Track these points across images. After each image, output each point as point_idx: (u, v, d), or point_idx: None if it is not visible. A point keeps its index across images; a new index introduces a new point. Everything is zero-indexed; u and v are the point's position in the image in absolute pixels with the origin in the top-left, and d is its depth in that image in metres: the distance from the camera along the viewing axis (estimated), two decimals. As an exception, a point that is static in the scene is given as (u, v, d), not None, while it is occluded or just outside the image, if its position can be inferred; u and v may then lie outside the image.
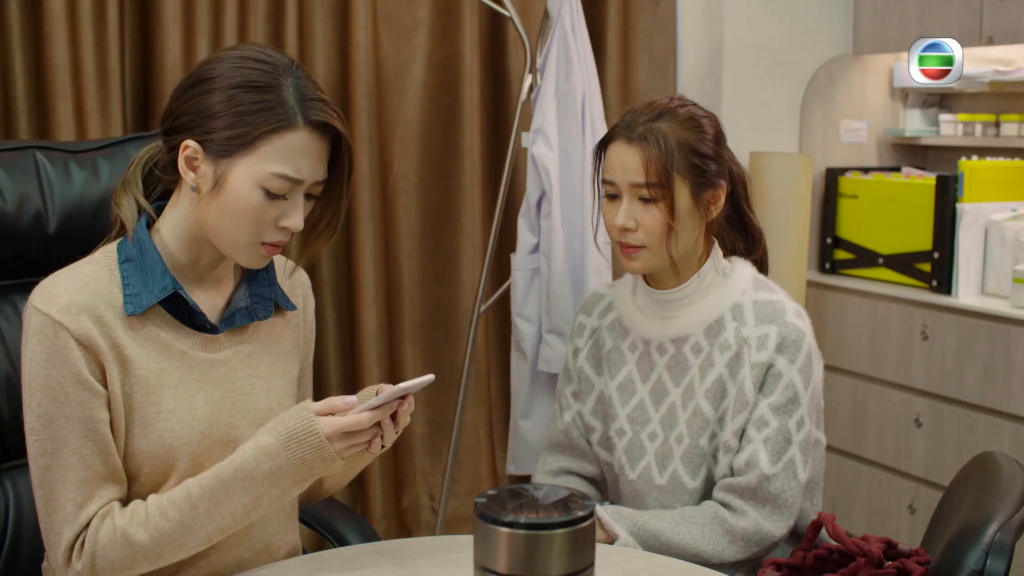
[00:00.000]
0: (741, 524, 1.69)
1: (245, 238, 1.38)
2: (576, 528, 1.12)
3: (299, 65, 1.40)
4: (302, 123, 1.35)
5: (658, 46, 3.26)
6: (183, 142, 1.37)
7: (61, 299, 1.34)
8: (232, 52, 1.39)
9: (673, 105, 1.73)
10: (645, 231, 1.70)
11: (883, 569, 1.49)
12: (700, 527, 1.69)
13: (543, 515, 1.12)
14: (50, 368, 1.33)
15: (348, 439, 1.35)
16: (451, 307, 3.11)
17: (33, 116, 2.54)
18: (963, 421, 2.87)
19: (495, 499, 1.16)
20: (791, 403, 1.70)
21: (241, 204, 1.35)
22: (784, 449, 1.70)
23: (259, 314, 1.50)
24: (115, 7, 2.56)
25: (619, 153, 1.71)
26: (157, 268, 1.39)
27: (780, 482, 1.69)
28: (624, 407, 1.83)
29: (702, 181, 1.71)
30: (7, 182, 1.66)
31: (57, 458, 1.34)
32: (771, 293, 1.77)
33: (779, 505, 1.69)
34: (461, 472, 3.15)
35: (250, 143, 1.34)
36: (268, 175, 1.34)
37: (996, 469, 1.58)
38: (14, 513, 1.64)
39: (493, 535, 1.12)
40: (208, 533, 1.37)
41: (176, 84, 1.42)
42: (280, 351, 1.54)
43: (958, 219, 2.92)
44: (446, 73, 3.03)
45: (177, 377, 1.41)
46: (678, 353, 1.78)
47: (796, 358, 1.71)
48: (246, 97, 1.34)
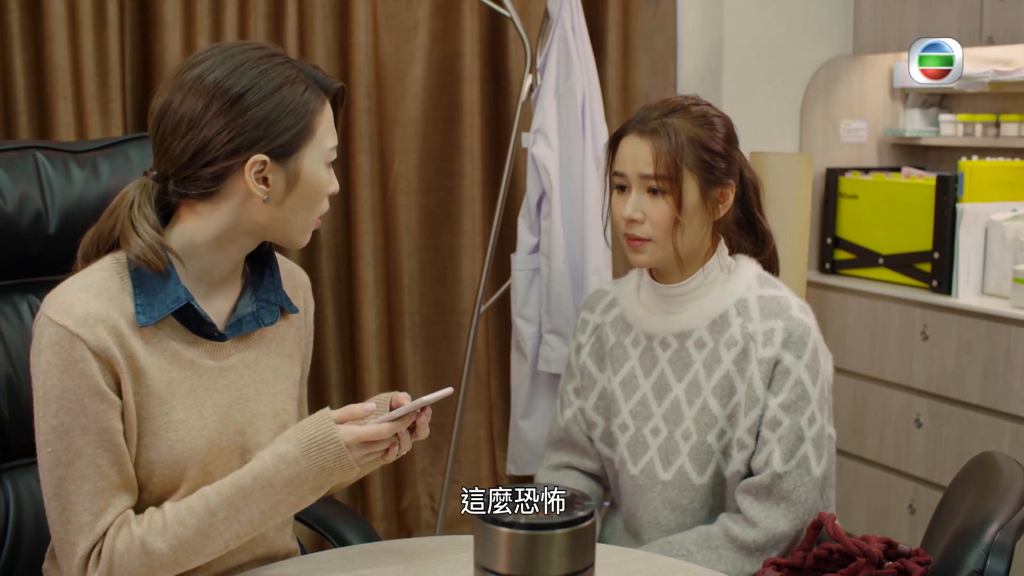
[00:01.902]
0: (751, 536, 1.70)
1: (312, 218, 1.44)
2: (576, 528, 1.12)
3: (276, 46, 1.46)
4: (324, 95, 1.42)
5: (658, 46, 3.26)
6: (248, 161, 1.35)
7: (77, 310, 1.32)
8: (232, 63, 1.36)
9: (687, 103, 1.76)
10: (652, 223, 1.72)
11: (883, 569, 1.49)
12: (710, 551, 1.72)
13: (543, 515, 1.12)
14: (66, 379, 1.32)
15: (366, 447, 1.37)
16: (451, 307, 3.11)
17: (33, 116, 2.54)
18: (963, 421, 2.87)
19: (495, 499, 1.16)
20: (801, 400, 1.71)
21: (317, 188, 1.42)
22: (796, 447, 1.71)
23: (265, 319, 1.49)
24: (115, 7, 2.56)
25: (631, 145, 1.74)
26: (170, 279, 1.37)
27: (792, 480, 1.70)
28: (627, 402, 1.83)
29: (711, 178, 1.73)
30: (7, 182, 1.66)
31: (72, 469, 1.33)
32: (776, 289, 1.77)
33: (792, 503, 1.70)
34: (461, 472, 3.15)
35: (311, 131, 1.39)
36: (328, 151, 1.42)
37: (996, 469, 1.58)
38: (14, 513, 1.64)
39: (493, 535, 1.12)
40: (226, 540, 1.37)
41: (175, 119, 1.35)
42: (284, 354, 1.54)
43: (958, 219, 2.92)
44: (446, 73, 3.03)
45: (188, 387, 1.41)
46: (681, 348, 1.78)
47: (803, 354, 1.72)
48: (292, 92, 1.37)
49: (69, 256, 1.44)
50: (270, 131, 1.35)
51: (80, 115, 2.54)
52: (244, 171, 1.35)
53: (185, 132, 1.34)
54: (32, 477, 1.68)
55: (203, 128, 1.34)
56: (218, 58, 1.37)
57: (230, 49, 1.39)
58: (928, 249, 3.02)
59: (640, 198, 1.72)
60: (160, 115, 1.37)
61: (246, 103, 1.34)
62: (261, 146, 1.35)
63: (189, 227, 1.39)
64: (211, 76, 1.35)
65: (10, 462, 1.67)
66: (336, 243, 2.96)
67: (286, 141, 1.36)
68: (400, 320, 3.05)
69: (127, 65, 2.65)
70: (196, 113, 1.34)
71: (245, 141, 1.34)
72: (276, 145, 1.36)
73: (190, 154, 1.35)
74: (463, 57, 3.00)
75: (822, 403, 1.75)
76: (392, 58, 2.97)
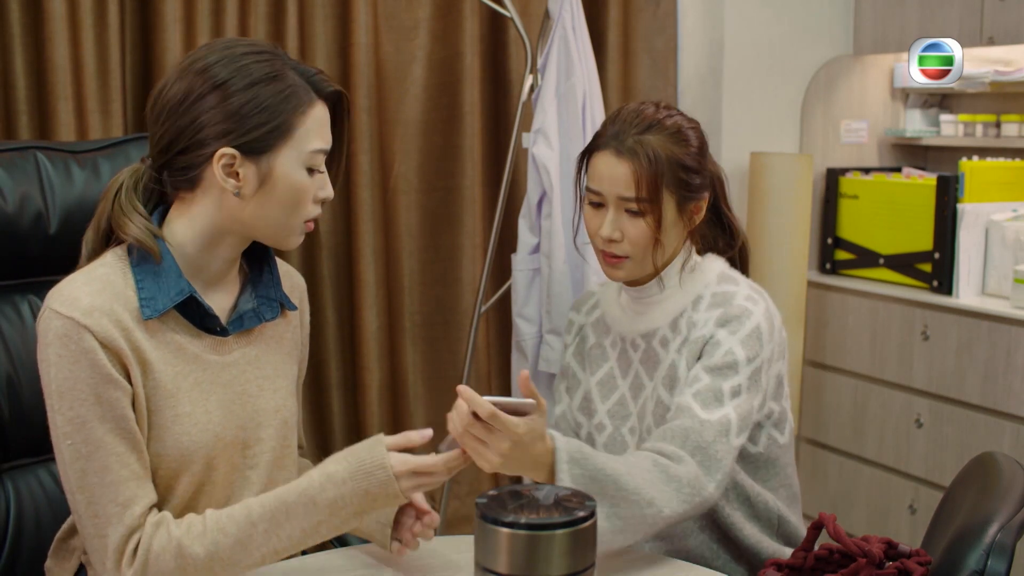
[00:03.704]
0: (680, 471, 1.55)
1: (293, 221, 1.42)
2: (577, 528, 1.12)
3: (278, 46, 1.45)
4: (316, 97, 1.41)
5: (659, 46, 3.26)
6: (215, 152, 1.36)
7: (82, 302, 1.33)
8: (222, 54, 1.38)
9: (661, 116, 1.72)
10: (630, 242, 1.71)
11: (884, 570, 1.49)
12: (646, 472, 1.54)
13: (544, 515, 1.12)
14: (77, 371, 1.32)
15: (417, 478, 1.36)
16: (452, 307, 3.11)
17: (34, 116, 2.54)
18: (963, 421, 2.87)
19: (496, 499, 1.16)
20: (728, 368, 1.65)
21: (291, 190, 1.40)
22: (715, 405, 1.62)
23: (266, 315, 1.50)
24: (116, 7, 2.57)
25: (607, 164, 1.70)
26: (172, 271, 1.39)
27: (712, 432, 1.59)
28: (604, 402, 1.83)
29: (687, 194, 1.72)
30: (8, 182, 1.66)
31: (94, 460, 1.33)
32: (732, 285, 1.76)
33: (709, 457, 1.58)
34: (461, 472, 3.14)
35: (288, 131, 1.38)
36: (309, 154, 1.40)
37: (996, 469, 1.58)
38: (15, 513, 1.64)
39: (494, 535, 1.12)
40: (263, 554, 1.36)
41: (162, 104, 1.38)
42: (283, 352, 1.55)
43: (959, 219, 2.92)
44: (447, 73, 3.03)
45: (192, 380, 1.42)
46: (649, 348, 1.79)
47: (738, 330, 1.68)
48: (269, 89, 1.37)
49: (70, 256, 1.45)
50: (241, 125, 1.36)
51: (80, 115, 2.54)
52: (213, 162, 1.36)
53: (166, 118, 1.38)
54: (32, 477, 1.68)
55: (180, 116, 1.37)
56: (211, 50, 1.40)
57: (227, 43, 1.41)
58: (928, 249, 3.02)
59: (618, 217, 1.70)
60: (153, 100, 1.41)
61: (220, 95, 1.36)
62: (230, 139, 1.36)
63: (179, 223, 1.42)
64: (197, 66, 1.38)
65: (10, 462, 1.67)
66: (336, 243, 2.96)
67: (257, 137, 1.36)
68: (400, 320, 3.05)
69: (127, 65, 2.65)
70: (177, 100, 1.37)
71: (214, 132, 1.36)
72: (245, 140, 1.36)
73: (167, 140, 1.38)
74: (463, 57, 3.00)
75: (753, 385, 1.66)
76: (392, 58, 2.97)
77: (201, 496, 1.44)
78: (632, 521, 1.47)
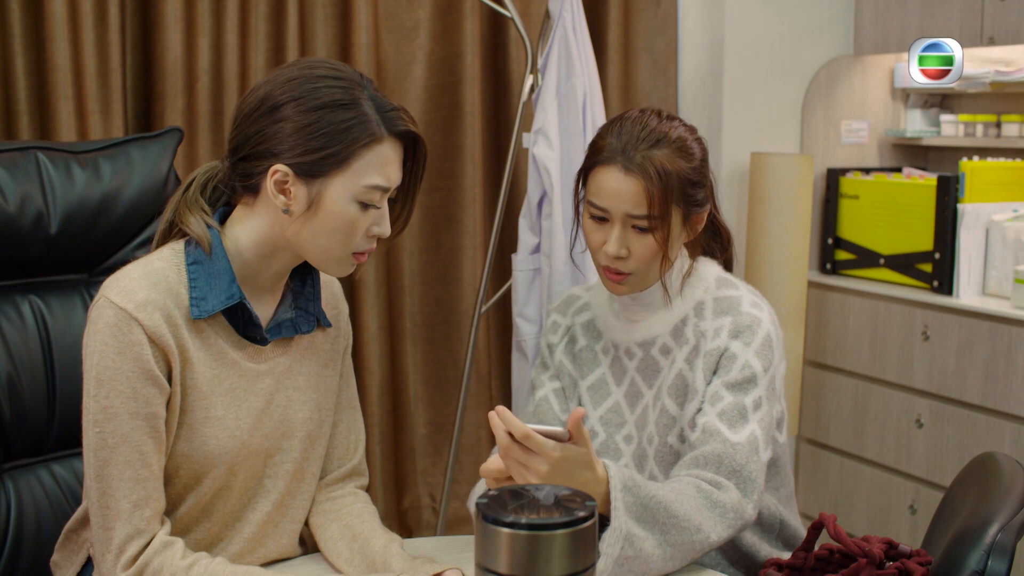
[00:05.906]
0: (723, 497, 1.57)
1: (339, 251, 1.42)
2: (577, 528, 1.12)
3: (366, 77, 1.43)
4: (386, 134, 1.39)
5: (659, 46, 3.26)
6: (271, 167, 1.37)
7: (138, 295, 1.35)
8: (301, 72, 1.40)
9: (666, 129, 1.68)
10: (637, 259, 1.67)
11: (884, 570, 1.49)
12: (692, 499, 1.55)
13: (544, 515, 1.12)
14: (121, 362, 1.34)
15: None
16: (452, 307, 3.11)
17: (34, 116, 2.54)
18: (964, 421, 2.87)
19: (496, 499, 1.16)
20: (748, 382, 1.65)
21: (338, 220, 1.39)
22: (741, 423, 1.62)
23: (303, 327, 1.51)
24: (116, 7, 2.57)
25: (615, 180, 1.65)
26: (225, 275, 1.40)
27: (744, 454, 1.60)
28: (596, 408, 1.81)
29: (692, 208, 1.70)
30: (9, 183, 1.66)
31: (117, 453, 1.35)
32: (732, 290, 1.75)
33: (744, 479, 1.59)
34: (462, 472, 3.15)
35: (344, 160, 1.37)
36: (363, 188, 1.38)
37: (997, 469, 1.58)
38: (15, 513, 1.64)
39: (494, 535, 1.12)
40: None
41: (241, 109, 1.42)
42: (318, 364, 1.55)
43: (959, 220, 2.92)
44: (447, 73, 3.03)
45: (228, 385, 1.43)
46: (647, 356, 1.76)
47: (752, 341, 1.67)
48: (333, 116, 1.37)
49: (70, 256, 1.45)
50: (299, 146, 1.37)
51: (81, 115, 2.54)
52: (267, 176, 1.38)
53: (239, 123, 1.42)
54: (33, 477, 1.68)
55: (250, 124, 1.40)
56: (297, 65, 1.42)
57: (311, 63, 1.43)
58: (929, 249, 3.02)
59: (625, 234, 1.66)
60: (240, 101, 1.44)
61: (287, 112, 1.37)
62: (287, 157, 1.37)
63: (239, 227, 1.44)
64: (279, 79, 1.40)
65: (11, 462, 1.67)
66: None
67: (312, 161, 1.37)
68: (401, 320, 3.05)
69: (128, 65, 2.65)
70: (251, 108, 1.40)
71: (274, 147, 1.38)
72: (300, 161, 1.37)
73: (235, 144, 1.42)
74: (464, 57, 3.00)
75: (771, 395, 1.67)
76: (393, 58, 2.97)
77: (218, 500, 1.45)
78: (682, 548, 1.49)
